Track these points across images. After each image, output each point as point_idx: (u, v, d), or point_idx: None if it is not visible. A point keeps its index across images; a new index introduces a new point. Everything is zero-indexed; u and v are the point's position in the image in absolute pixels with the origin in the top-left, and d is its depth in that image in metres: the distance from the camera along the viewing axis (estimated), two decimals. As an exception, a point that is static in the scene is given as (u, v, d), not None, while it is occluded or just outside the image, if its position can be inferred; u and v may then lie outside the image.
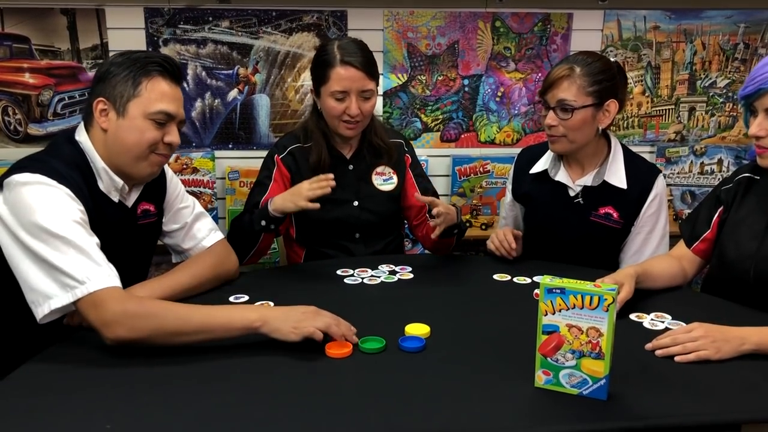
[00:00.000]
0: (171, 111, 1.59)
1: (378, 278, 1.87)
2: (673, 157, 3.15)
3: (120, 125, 1.57)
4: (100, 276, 1.39)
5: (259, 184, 2.12)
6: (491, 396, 1.25)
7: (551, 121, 1.93)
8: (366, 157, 2.15)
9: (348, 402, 1.23)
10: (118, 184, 1.62)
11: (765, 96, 1.54)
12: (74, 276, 1.38)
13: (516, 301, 1.71)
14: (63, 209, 1.44)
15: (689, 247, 1.83)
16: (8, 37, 2.73)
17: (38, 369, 1.34)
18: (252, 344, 1.41)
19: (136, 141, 1.57)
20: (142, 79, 1.56)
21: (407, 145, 2.25)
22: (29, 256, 1.40)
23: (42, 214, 1.41)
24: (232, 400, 1.22)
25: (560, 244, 2.06)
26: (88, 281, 1.38)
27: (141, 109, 1.56)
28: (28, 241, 1.40)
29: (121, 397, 1.23)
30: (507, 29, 2.98)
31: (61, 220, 1.42)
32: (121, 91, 1.56)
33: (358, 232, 2.13)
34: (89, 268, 1.39)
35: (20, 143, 2.82)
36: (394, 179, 2.17)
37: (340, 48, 2.00)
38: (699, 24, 3.06)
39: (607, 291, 1.19)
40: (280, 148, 2.14)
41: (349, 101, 1.99)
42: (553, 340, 1.24)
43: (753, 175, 1.75)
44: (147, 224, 1.76)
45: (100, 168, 1.60)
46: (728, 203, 1.77)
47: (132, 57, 1.58)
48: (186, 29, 2.81)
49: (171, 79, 1.61)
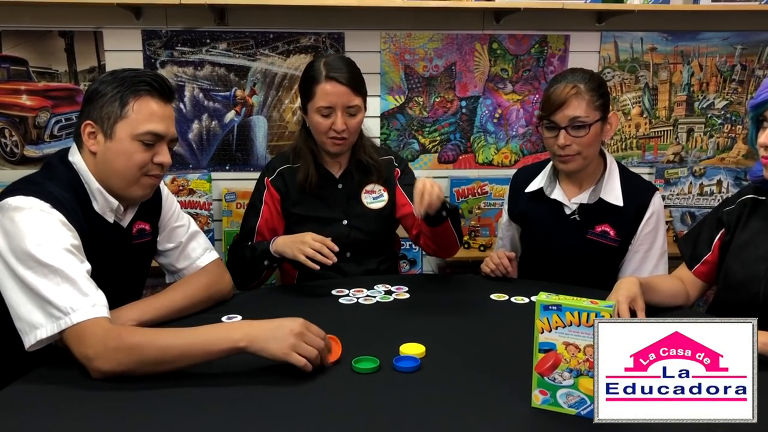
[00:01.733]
0: (159, 131, 1.56)
1: (374, 298, 1.84)
2: (672, 179, 3.14)
3: (108, 148, 1.54)
4: (85, 307, 1.36)
5: (252, 206, 2.13)
6: (488, 416, 1.22)
7: (564, 141, 1.91)
8: (355, 176, 2.13)
9: (341, 423, 1.20)
10: (113, 204, 1.61)
11: None
12: (59, 306, 1.35)
13: (513, 321, 1.68)
14: (54, 237, 1.42)
15: (691, 269, 1.81)
16: (6, 60, 2.74)
17: (27, 389, 1.31)
18: (241, 363, 1.38)
19: (124, 164, 1.55)
20: (129, 100, 1.53)
21: (397, 160, 2.22)
22: (18, 283, 1.38)
23: (32, 241, 1.38)
24: (223, 421, 1.19)
25: (558, 263, 2.04)
26: (72, 312, 1.35)
27: (128, 131, 1.53)
28: (17, 268, 1.37)
29: (111, 417, 1.20)
30: (504, 51, 2.99)
31: (52, 248, 1.39)
32: (108, 113, 1.53)
33: (349, 251, 2.10)
34: (75, 299, 1.36)
35: (17, 165, 2.82)
36: (385, 196, 2.15)
37: (326, 64, 2.00)
38: (696, 45, 3.07)
39: (605, 308, 1.16)
40: (270, 170, 2.14)
41: (335, 117, 1.98)
42: (549, 358, 1.21)
43: (757, 196, 1.73)
44: (142, 243, 1.74)
45: (95, 189, 1.58)
46: (731, 225, 1.74)
47: (120, 76, 1.55)
48: (183, 51, 2.82)
49: (160, 97, 1.57)
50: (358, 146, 2.12)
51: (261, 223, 2.08)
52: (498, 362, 1.43)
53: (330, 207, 2.09)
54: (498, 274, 2.00)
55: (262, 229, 2.08)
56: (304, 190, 2.07)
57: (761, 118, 1.57)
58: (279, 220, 2.11)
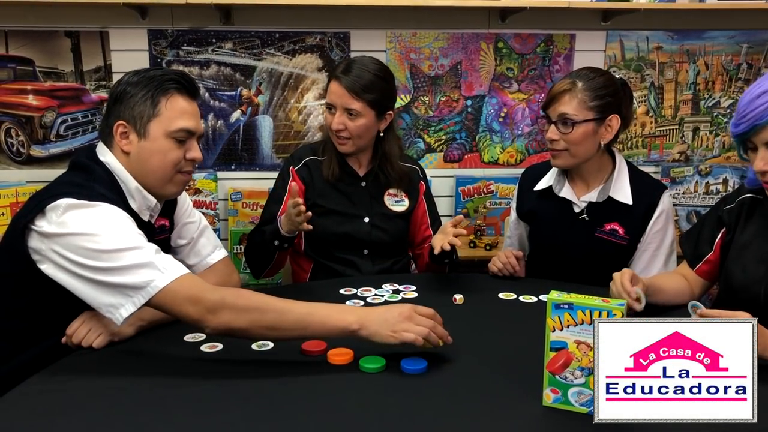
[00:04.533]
0: (191, 127, 1.58)
1: (381, 297, 1.84)
2: (678, 177, 3.14)
3: (143, 147, 1.56)
4: (169, 270, 1.39)
5: (274, 194, 2.15)
6: (498, 416, 1.22)
7: (552, 135, 1.94)
8: (380, 177, 2.16)
9: (349, 423, 1.19)
10: (151, 203, 1.61)
11: (762, 131, 1.49)
12: (158, 266, 1.38)
13: (522, 320, 1.68)
14: (125, 226, 1.44)
15: (693, 267, 1.81)
16: (12, 59, 2.75)
17: (34, 390, 1.31)
18: (247, 363, 1.39)
19: (160, 162, 1.57)
20: (161, 98, 1.55)
21: (422, 172, 2.27)
22: (90, 281, 1.39)
23: (101, 235, 1.39)
24: (230, 419, 1.18)
25: (566, 262, 2.04)
26: (165, 271, 1.38)
27: (162, 129, 1.55)
28: (88, 264, 1.38)
29: (116, 420, 1.19)
30: (510, 50, 2.99)
31: (129, 233, 1.42)
32: (141, 112, 1.54)
33: (367, 249, 2.12)
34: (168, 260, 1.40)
35: (23, 165, 2.82)
36: (406, 202, 2.20)
37: (343, 63, 2.06)
38: (701, 44, 3.06)
39: (616, 306, 1.16)
40: (296, 160, 2.16)
41: (336, 115, 2.03)
42: (561, 357, 1.21)
43: (755, 195, 1.72)
44: (162, 240, 1.75)
45: (133, 188, 1.58)
46: (731, 225, 1.74)
47: (147, 75, 1.57)
48: (189, 51, 2.82)
49: (188, 94, 1.60)
50: (383, 155, 2.14)
51: (283, 210, 2.06)
52: (508, 361, 1.43)
53: (354, 204, 2.12)
54: (505, 273, 2.00)
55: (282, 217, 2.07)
56: (329, 183, 2.10)
57: (748, 143, 1.55)
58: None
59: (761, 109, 1.47)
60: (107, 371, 1.37)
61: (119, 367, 1.39)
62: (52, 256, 1.40)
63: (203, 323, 1.37)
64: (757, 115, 1.48)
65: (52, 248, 1.40)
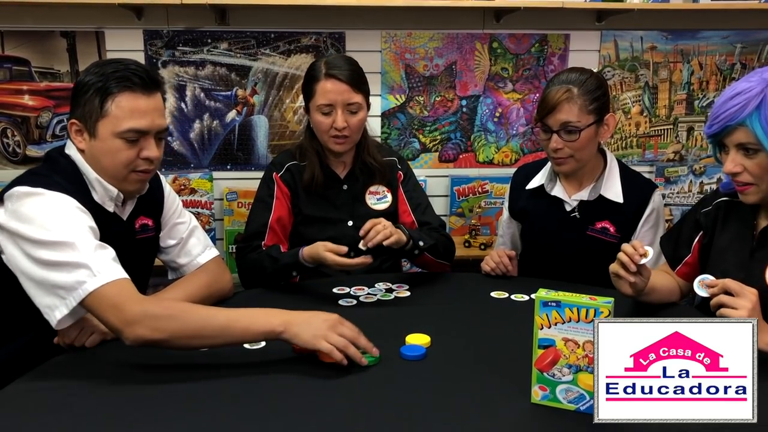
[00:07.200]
0: (141, 127, 1.52)
1: (374, 296, 1.85)
2: (672, 177, 3.15)
3: (93, 146, 1.54)
4: (101, 274, 1.37)
5: (261, 201, 2.09)
6: (488, 412, 1.23)
7: (556, 144, 1.93)
8: (359, 177, 2.14)
9: (337, 420, 1.21)
10: (112, 193, 1.60)
11: (733, 133, 1.50)
12: (70, 284, 1.36)
13: (513, 318, 1.69)
14: (72, 219, 1.43)
15: (673, 269, 1.82)
16: (8, 60, 2.76)
17: (25, 388, 1.32)
18: (238, 361, 1.40)
19: (110, 163, 1.54)
20: (108, 97, 1.50)
21: (401, 162, 2.23)
22: (34, 265, 1.38)
23: (45, 224, 1.39)
24: (223, 418, 1.20)
25: (558, 260, 2.05)
26: (87, 281, 1.36)
27: (110, 129, 1.51)
28: (32, 252, 1.38)
29: (111, 415, 1.21)
30: (504, 50, 3.00)
31: (67, 228, 1.40)
32: (89, 111, 1.52)
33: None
34: (87, 272, 1.38)
35: (19, 165, 2.83)
36: (388, 197, 2.17)
37: (326, 63, 2.02)
38: (696, 44, 3.07)
39: (603, 304, 1.17)
40: (278, 166, 2.13)
41: (335, 115, 1.99)
42: (549, 354, 1.22)
43: (731, 198, 1.71)
44: (145, 239, 1.74)
45: (93, 179, 1.57)
46: (708, 228, 1.74)
47: (101, 72, 1.52)
48: (185, 51, 2.83)
49: (142, 90, 1.52)
50: (362, 146, 2.12)
51: (273, 218, 2.04)
52: (498, 359, 1.44)
53: (336, 208, 2.10)
54: (498, 273, 2.00)
55: (274, 225, 2.05)
56: (311, 190, 2.07)
57: (720, 144, 1.57)
58: (289, 216, 2.10)
59: (733, 110, 1.47)
60: (98, 370, 1.38)
61: (110, 366, 1.40)
62: (6, 245, 1.42)
63: (121, 334, 1.36)
64: (729, 116, 1.48)
65: (5, 237, 1.42)
